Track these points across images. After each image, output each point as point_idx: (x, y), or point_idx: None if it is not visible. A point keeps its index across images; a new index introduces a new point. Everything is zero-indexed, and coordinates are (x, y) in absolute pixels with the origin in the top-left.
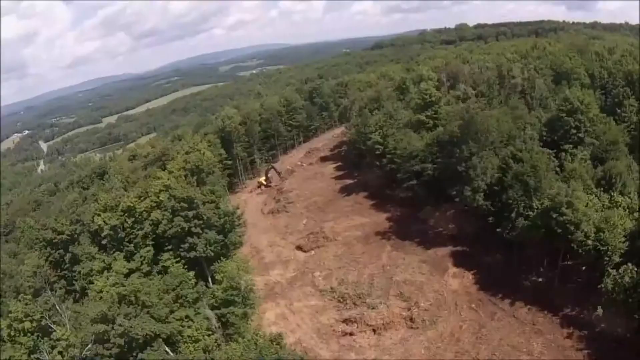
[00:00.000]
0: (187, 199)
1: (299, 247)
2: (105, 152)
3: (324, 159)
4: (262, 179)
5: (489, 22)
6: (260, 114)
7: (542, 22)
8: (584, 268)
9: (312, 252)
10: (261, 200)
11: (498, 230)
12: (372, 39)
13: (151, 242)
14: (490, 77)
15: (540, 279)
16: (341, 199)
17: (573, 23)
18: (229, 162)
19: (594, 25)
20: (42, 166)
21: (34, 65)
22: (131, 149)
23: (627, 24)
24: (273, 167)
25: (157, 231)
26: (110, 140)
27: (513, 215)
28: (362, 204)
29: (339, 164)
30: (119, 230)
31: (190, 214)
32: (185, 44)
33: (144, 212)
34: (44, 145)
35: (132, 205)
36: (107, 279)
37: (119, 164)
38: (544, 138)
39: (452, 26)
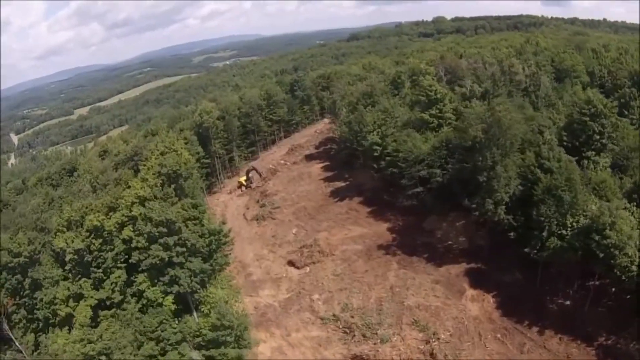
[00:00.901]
0: (167, 222)
1: (290, 263)
2: (77, 145)
3: (309, 158)
4: (242, 179)
5: (467, 15)
6: (240, 108)
7: (520, 16)
8: (613, 289)
9: (307, 269)
10: (242, 203)
11: (526, 250)
12: (347, 30)
13: (123, 264)
14: (495, 73)
15: (567, 302)
16: (333, 205)
17: (552, 18)
18: (207, 161)
19: (573, 21)
20: (12, 160)
21: (6, 56)
22: (102, 143)
23: (605, 20)
24: (254, 169)
25: (130, 252)
26: (81, 132)
27: (544, 234)
28: (358, 211)
29: (327, 163)
30: (85, 253)
31: (171, 240)
32: (158, 34)
33: (114, 229)
34: (14, 138)
35: (99, 224)
36: (70, 331)
37: (88, 162)
38: (565, 144)
39: (429, 19)
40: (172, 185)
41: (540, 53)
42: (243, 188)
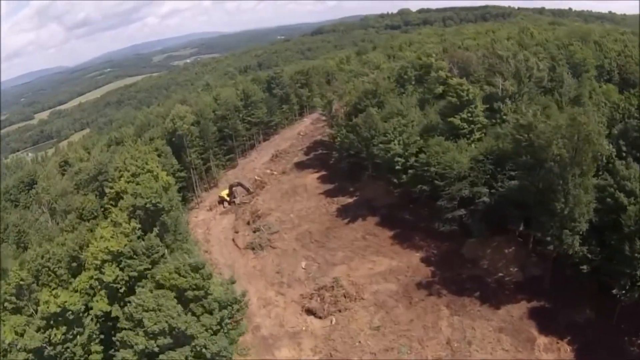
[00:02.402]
0: (172, 330)
1: (309, 311)
2: (37, 152)
3: (300, 166)
4: (224, 193)
5: (432, 7)
6: (215, 110)
7: (487, 7)
8: None
9: (332, 319)
10: (228, 223)
11: (614, 291)
12: (308, 25)
13: (98, 345)
14: (521, 68)
15: None
16: (344, 227)
17: (519, 9)
18: (182, 174)
19: (541, 10)
20: None
21: None
22: (63, 152)
23: (570, 9)
24: (240, 184)
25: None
26: (42, 138)
27: (638, 273)
28: (377, 235)
29: (323, 173)
30: (45, 347)
31: (181, 357)
32: (118, 34)
33: (81, 305)
34: None
35: (59, 308)
36: None
37: (47, 177)
38: (624, 155)
39: (394, 11)
40: (155, 229)
41: (544, 44)
42: (225, 204)
